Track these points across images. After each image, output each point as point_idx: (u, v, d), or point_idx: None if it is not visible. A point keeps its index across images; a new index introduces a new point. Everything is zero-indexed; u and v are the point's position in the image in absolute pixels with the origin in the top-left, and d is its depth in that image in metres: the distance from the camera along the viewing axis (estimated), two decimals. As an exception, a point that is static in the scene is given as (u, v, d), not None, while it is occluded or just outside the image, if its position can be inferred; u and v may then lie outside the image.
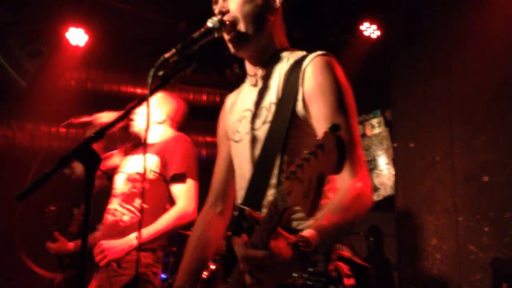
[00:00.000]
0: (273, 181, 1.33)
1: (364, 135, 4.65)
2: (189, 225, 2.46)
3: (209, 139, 5.44)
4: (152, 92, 1.38)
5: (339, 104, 1.32)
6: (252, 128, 1.44)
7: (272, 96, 1.43)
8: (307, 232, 1.10)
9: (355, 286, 1.35)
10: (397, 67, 4.15)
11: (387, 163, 4.47)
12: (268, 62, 1.51)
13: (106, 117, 2.78)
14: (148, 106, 1.38)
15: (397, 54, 4.16)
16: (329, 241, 1.14)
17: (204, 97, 5.34)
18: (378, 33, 4.22)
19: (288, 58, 1.47)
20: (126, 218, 2.49)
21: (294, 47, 1.66)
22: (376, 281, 3.81)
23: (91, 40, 4.02)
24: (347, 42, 4.29)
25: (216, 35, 1.47)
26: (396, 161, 4.18)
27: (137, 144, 2.86)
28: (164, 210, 2.48)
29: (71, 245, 3.23)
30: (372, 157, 4.57)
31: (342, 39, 4.30)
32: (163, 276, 4.42)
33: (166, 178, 2.51)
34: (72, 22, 3.89)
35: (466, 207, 3.40)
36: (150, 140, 2.72)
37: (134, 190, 2.53)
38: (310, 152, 0.86)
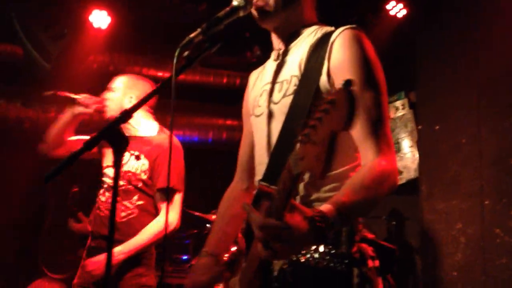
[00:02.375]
0: None
1: (387, 117, 4.57)
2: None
3: (229, 122, 5.44)
4: (178, 73, 1.37)
5: (368, 79, 1.28)
6: (271, 102, 1.42)
7: (294, 69, 1.40)
8: (325, 207, 1.09)
9: (379, 268, 1.32)
10: (423, 47, 4.05)
11: (411, 146, 4.40)
12: (293, 36, 1.48)
13: (88, 98, 2.71)
14: (173, 88, 1.37)
15: (423, 34, 4.06)
16: (347, 218, 1.12)
17: (225, 80, 5.31)
18: (404, 12, 4.11)
19: (315, 32, 1.44)
20: (123, 214, 2.51)
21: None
22: (398, 265, 3.78)
23: (114, 22, 4.02)
24: (371, 22, 4.20)
25: (241, 13, 1.45)
26: (420, 144, 4.11)
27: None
28: (156, 208, 2.53)
29: None
30: (395, 140, 4.50)
31: (367, 19, 4.20)
32: (184, 257, 4.49)
33: (154, 184, 2.52)
34: (96, 4, 3.89)
35: (492, 190, 3.33)
36: (131, 133, 2.63)
37: (129, 186, 2.54)
38: (321, 110, 0.85)
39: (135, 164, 2.55)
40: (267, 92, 1.46)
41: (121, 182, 2.54)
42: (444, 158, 3.73)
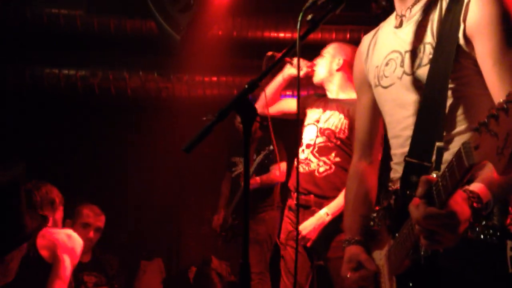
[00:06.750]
0: (440, 129, 1.24)
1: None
2: None
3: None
4: (302, 38, 1.35)
5: (509, 38, 1.16)
6: (405, 72, 1.34)
7: (427, 36, 1.31)
8: (476, 186, 1.02)
9: None
10: None
11: None
12: (419, 0, 1.37)
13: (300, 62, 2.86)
14: (298, 53, 1.36)
15: None
16: (500, 196, 1.06)
17: (348, 36, 5.13)
18: None
19: None
20: (321, 169, 2.66)
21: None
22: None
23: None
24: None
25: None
26: None
27: (322, 96, 2.91)
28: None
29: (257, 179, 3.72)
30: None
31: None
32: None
33: (352, 143, 2.56)
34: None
35: None
36: (332, 95, 2.80)
37: (329, 144, 2.66)
38: (508, 100, 0.76)
39: (335, 122, 2.68)
40: (397, 63, 1.37)
41: (320, 139, 2.71)
42: None
